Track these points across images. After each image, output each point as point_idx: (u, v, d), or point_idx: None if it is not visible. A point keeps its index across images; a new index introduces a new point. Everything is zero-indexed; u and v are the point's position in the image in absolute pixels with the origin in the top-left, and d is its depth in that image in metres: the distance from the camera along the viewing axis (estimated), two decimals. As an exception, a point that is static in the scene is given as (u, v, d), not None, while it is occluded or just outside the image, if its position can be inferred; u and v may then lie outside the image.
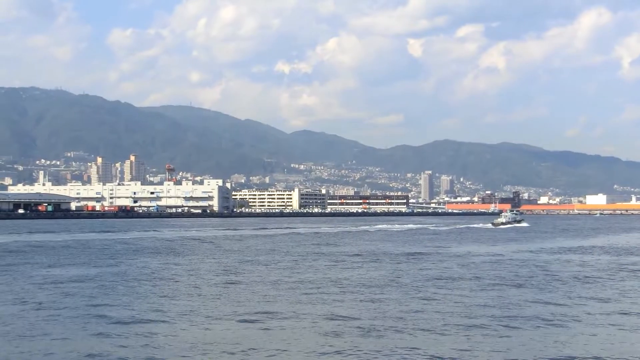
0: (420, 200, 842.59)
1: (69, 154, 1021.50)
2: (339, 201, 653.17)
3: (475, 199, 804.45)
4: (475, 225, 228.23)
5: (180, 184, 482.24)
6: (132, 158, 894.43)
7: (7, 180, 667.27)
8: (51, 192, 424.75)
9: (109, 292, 48.29)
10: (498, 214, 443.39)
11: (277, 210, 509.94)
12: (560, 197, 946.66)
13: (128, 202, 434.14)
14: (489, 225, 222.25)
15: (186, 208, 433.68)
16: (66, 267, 67.39)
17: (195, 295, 46.72)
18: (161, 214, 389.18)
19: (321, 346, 30.95)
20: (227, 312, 39.54)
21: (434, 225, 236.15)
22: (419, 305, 41.97)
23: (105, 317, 37.65)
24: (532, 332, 34.11)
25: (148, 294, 47.30)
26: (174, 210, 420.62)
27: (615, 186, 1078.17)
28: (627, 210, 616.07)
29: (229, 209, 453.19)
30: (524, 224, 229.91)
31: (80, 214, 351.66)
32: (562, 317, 38.17)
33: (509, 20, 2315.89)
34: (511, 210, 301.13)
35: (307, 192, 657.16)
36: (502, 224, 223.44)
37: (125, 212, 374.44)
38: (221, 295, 47.06)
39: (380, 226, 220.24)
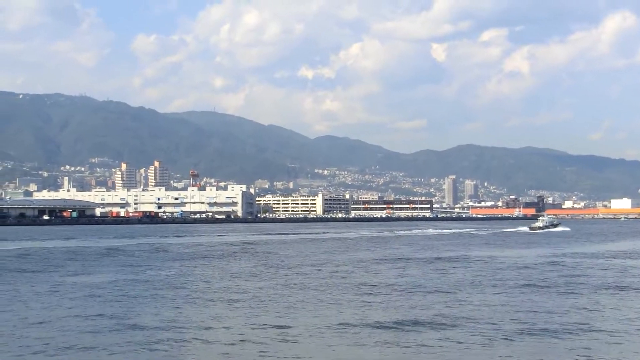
0: (444, 205, 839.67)
1: (93, 160, 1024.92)
2: (363, 206, 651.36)
3: (500, 203, 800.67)
4: (511, 230, 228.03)
5: (204, 189, 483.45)
6: (156, 164, 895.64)
7: (32, 187, 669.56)
8: (76, 198, 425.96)
9: (139, 299, 48.50)
10: (522, 218, 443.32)
11: (301, 215, 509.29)
12: (584, 202, 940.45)
13: (152, 208, 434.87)
14: (526, 229, 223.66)
15: (210, 214, 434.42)
16: (96, 274, 67.72)
17: (227, 301, 46.89)
18: (185, 219, 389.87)
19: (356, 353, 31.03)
20: (258, 318, 39.66)
21: (469, 229, 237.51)
22: (467, 312, 41.96)
23: (136, 325, 37.84)
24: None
25: (177, 300, 47.53)
26: (198, 215, 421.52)
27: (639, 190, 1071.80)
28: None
29: (253, 215, 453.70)
30: (561, 228, 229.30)
31: (104, 219, 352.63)
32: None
33: (533, 24, 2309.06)
34: (548, 215, 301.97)
35: (330, 197, 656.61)
36: (540, 228, 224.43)
37: (150, 218, 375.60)
38: (252, 300, 47.15)
39: (415, 231, 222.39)
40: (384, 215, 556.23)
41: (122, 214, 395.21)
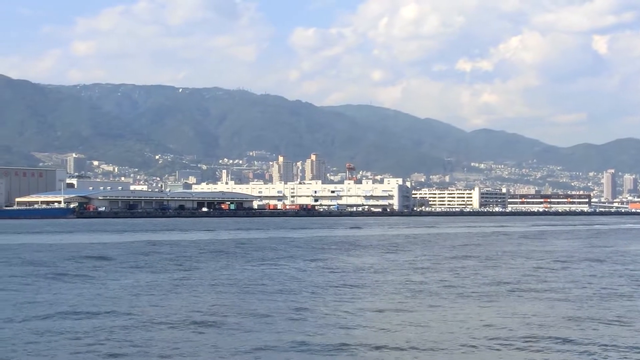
0: (602, 200, 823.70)
1: (251, 153, 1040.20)
2: (520, 200, 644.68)
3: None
4: None
5: (360, 182, 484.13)
6: (313, 157, 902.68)
7: (192, 179, 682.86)
8: (234, 190, 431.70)
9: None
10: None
11: (457, 209, 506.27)
12: None
13: (309, 201, 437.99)
14: None
15: (366, 207, 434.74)
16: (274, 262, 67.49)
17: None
18: (341, 212, 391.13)
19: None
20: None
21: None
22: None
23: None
24: None
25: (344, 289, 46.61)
26: (354, 209, 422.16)
27: None
28: None
29: (409, 208, 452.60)
30: None
31: (262, 212, 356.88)
32: None
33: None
34: None
35: (487, 191, 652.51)
36: None
37: (307, 211, 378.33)
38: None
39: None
40: (541, 209, 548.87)
41: (279, 206, 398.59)
